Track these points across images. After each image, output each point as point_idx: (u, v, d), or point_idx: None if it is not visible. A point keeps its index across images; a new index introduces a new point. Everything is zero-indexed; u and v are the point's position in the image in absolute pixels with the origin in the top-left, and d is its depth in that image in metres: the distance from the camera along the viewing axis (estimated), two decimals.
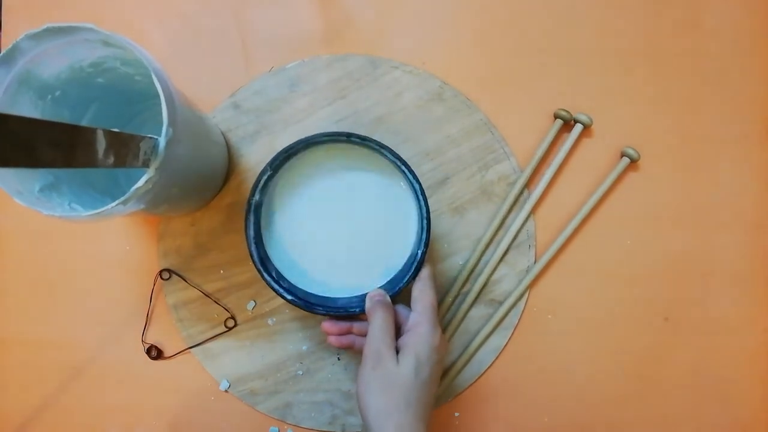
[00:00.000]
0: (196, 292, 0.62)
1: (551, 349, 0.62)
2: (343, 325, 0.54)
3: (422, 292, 0.52)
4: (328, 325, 0.54)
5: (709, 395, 0.62)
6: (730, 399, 0.62)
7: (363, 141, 0.52)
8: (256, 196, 0.54)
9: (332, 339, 0.54)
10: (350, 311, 0.53)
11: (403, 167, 0.53)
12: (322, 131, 0.53)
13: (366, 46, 0.66)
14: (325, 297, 0.55)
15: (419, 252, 0.53)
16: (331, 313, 0.54)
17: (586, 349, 0.62)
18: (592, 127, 0.65)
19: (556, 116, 0.63)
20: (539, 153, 0.63)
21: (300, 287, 0.55)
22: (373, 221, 0.56)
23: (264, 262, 0.54)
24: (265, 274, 0.53)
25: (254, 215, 0.54)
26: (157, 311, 0.62)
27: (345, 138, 0.53)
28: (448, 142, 0.64)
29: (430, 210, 0.62)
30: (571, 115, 0.63)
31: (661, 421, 0.61)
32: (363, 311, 0.53)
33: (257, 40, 0.66)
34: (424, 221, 0.53)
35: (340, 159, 0.56)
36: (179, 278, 0.62)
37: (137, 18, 0.65)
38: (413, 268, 0.53)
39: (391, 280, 0.55)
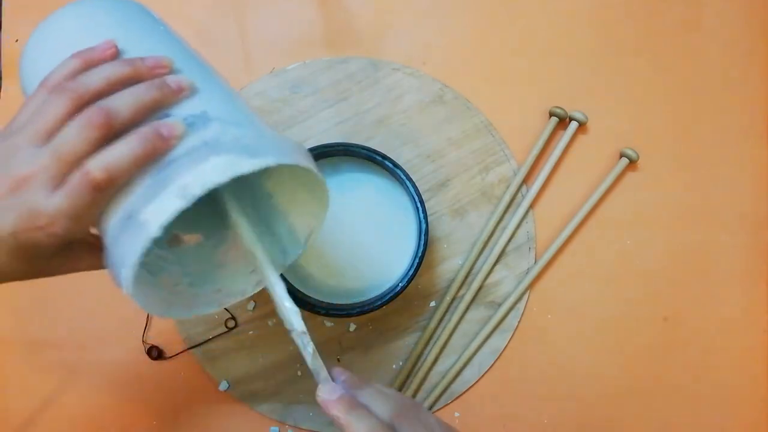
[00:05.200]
0: None
1: (551, 350, 0.62)
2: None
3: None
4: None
5: (709, 395, 0.62)
6: (730, 399, 0.62)
7: (363, 152, 0.54)
8: None
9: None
10: (350, 313, 0.54)
11: (402, 175, 0.54)
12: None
13: (366, 47, 0.66)
14: (325, 300, 0.56)
15: (418, 255, 0.54)
16: (331, 313, 0.54)
17: (586, 349, 0.62)
18: (592, 126, 0.65)
19: (551, 114, 0.63)
20: (535, 151, 0.63)
21: (300, 289, 0.55)
22: (373, 224, 0.56)
23: None
24: None
25: None
26: None
27: (342, 149, 0.53)
28: (448, 144, 0.64)
29: (430, 212, 0.62)
30: (566, 112, 0.63)
31: (661, 421, 0.61)
32: (362, 312, 0.54)
33: (258, 41, 0.66)
34: (423, 224, 0.53)
35: (338, 164, 0.57)
36: None
37: None
38: (412, 271, 0.54)
39: (391, 284, 0.55)
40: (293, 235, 0.45)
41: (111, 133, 0.31)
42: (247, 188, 0.44)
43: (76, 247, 0.37)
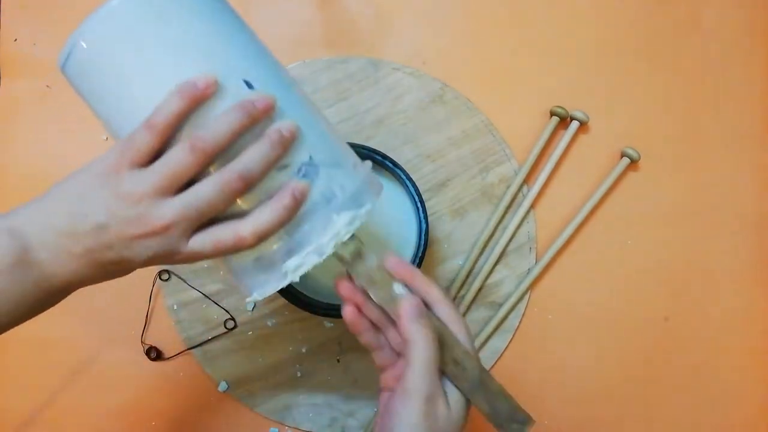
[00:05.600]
0: (195, 293, 0.62)
1: (551, 350, 0.62)
2: (360, 298, 0.41)
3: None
4: (346, 288, 0.41)
5: (709, 395, 0.62)
6: (730, 399, 0.62)
7: (363, 152, 0.54)
8: None
9: (348, 311, 0.41)
10: None
11: (402, 174, 0.54)
12: None
13: (366, 47, 0.65)
14: (325, 300, 0.56)
15: (418, 255, 0.54)
16: (331, 313, 0.54)
17: (587, 349, 0.62)
18: (593, 126, 0.65)
19: (552, 113, 0.63)
20: (535, 151, 0.63)
21: (300, 289, 0.55)
22: (374, 224, 0.56)
23: None
24: None
25: None
26: (156, 312, 0.62)
27: None
28: (448, 144, 0.63)
29: (430, 211, 0.62)
30: (567, 112, 0.63)
31: (661, 420, 0.61)
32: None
33: None
34: (423, 224, 0.53)
35: None
36: (179, 279, 0.62)
37: None
38: None
39: None
40: None
41: (246, 192, 0.36)
42: None
43: None
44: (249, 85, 0.37)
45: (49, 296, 0.38)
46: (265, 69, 0.39)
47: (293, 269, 0.38)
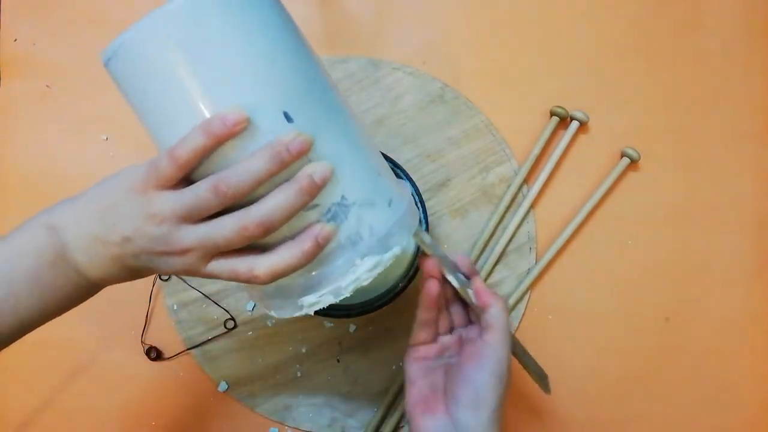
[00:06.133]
0: (195, 293, 0.62)
1: (551, 350, 0.62)
2: (440, 274, 0.45)
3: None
4: (432, 265, 0.45)
5: (709, 395, 0.62)
6: (730, 399, 0.62)
7: None
8: None
9: (433, 285, 0.45)
10: (350, 313, 0.53)
11: (402, 174, 0.54)
12: None
13: (366, 46, 0.65)
14: None
15: (418, 255, 0.53)
16: (331, 313, 0.54)
17: (587, 349, 0.62)
18: (593, 126, 0.65)
19: (552, 113, 0.63)
20: (536, 150, 0.63)
21: None
22: None
23: None
24: None
25: None
26: (156, 312, 0.62)
27: None
28: (449, 144, 0.63)
29: (430, 211, 0.62)
30: (567, 112, 0.63)
31: (661, 420, 0.61)
32: (362, 313, 0.53)
33: None
34: (423, 224, 0.53)
35: None
36: (179, 279, 0.62)
37: (137, 18, 0.64)
38: (412, 271, 0.54)
39: (391, 285, 0.55)
40: None
41: (265, 237, 0.35)
42: None
43: None
44: (288, 118, 0.34)
45: (84, 291, 0.41)
46: (311, 97, 0.36)
47: (308, 305, 0.38)
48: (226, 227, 0.35)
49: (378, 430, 0.60)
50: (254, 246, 0.36)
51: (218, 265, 0.36)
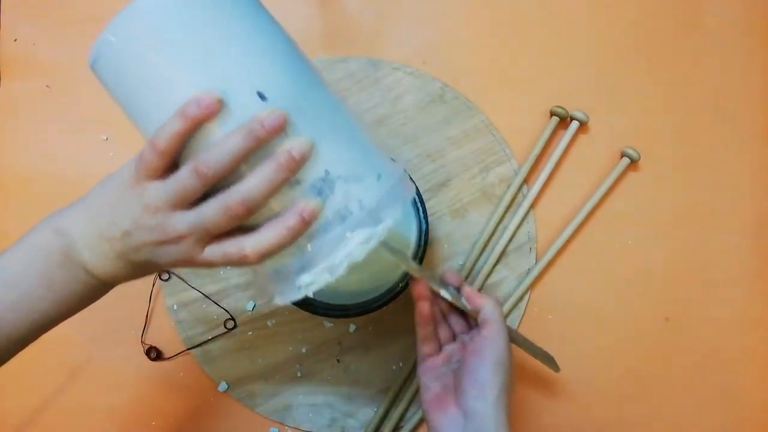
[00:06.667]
0: (195, 293, 0.62)
1: (551, 350, 0.62)
2: (429, 295, 0.49)
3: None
4: (421, 288, 0.48)
5: (709, 395, 0.62)
6: (730, 399, 0.62)
7: None
8: None
9: (424, 307, 0.48)
10: (350, 313, 0.53)
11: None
12: None
13: (366, 46, 0.65)
14: (325, 300, 0.55)
15: (418, 256, 0.53)
16: (331, 313, 0.54)
17: (587, 349, 0.62)
18: (593, 126, 0.65)
19: (552, 113, 0.63)
20: (535, 151, 0.63)
21: None
22: None
23: None
24: None
25: None
26: (156, 312, 0.62)
27: None
28: (449, 144, 0.63)
29: (430, 211, 0.62)
30: (567, 112, 0.63)
31: (661, 421, 0.61)
32: (362, 313, 0.53)
33: None
34: (423, 224, 0.53)
35: None
36: (179, 279, 0.62)
37: None
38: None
39: (391, 285, 0.55)
40: None
41: (251, 216, 0.36)
42: None
43: None
44: (262, 97, 0.35)
45: (95, 291, 0.41)
46: (284, 76, 0.37)
47: (306, 285, 0.38)
48: (212, 209, 0.35)
49: (378, 430, 0.60)
50: (245, 228, 0.37)
51: (212, 251, 0.37)
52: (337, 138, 0.38)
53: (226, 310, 0.62)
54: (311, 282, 0.37)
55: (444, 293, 0.48)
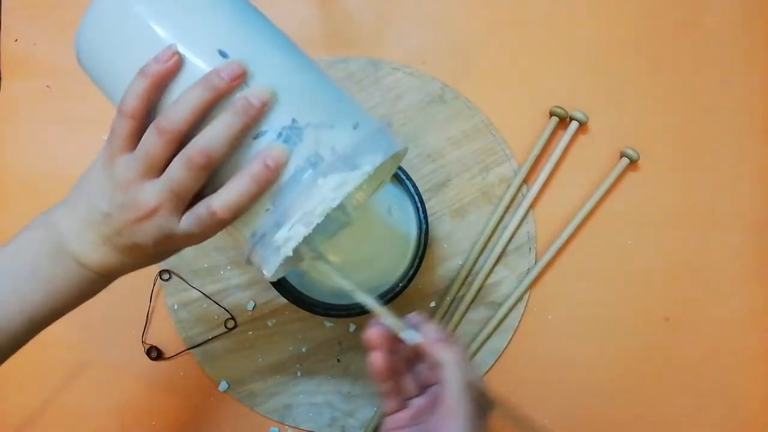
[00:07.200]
0: (196, 293, 0.62)
1: (551, 351, 0.62)
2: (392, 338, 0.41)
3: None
4: (374, 334, 0.40)
5: (709, 395, 0.62)
6: (730, 399, 0.62)
7: None
8: None
9: (377, 358, 0.40)
10: (350, 313, 0.54)
11: (402, 174, 0.54)
12: None
13: (366, 46, 0.66)
14: (325, 300, 0.56)
15: (418, 255, 0.54)
16: (331, 313, 0.54)
17: (587, 349, 0.62)
18: (592, 126, 0.65)
19: (552, 114, 0.63)
20: (535, 151, 0.63)
21: (300, 289, 0.55)
22: (374, 224, 0.56)
23: None
24: None
25: None
26: (156, 312, 0.62)
27: None
28: (448, 144, 0.63)
29: (430, 211, 0.62)
30: (566, 112, 0.63)
31: (661, 421, 0.61)
32: (362, 312, 0.53)
33: None
34: (423, 224, 0.53)
35: None
36: (179, 279, 0.62)
37: None
38: (412, 271, 0.54)
39: (391, 284, 0.55)
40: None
41: (213, 167, 0.35)
42: None
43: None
44: (224, 55, 0.35)
45: (91, 282, 0.40)
46: (246, 35, 0.37)
47: (283, 242, 0.35)
48: (175, 168, 0.34)
49: (378, 430, 0.60)
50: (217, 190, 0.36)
51: (187, 220, 0.36)
52: (304, 88, 0.37)
53: (227, 310, 0.62)
54: (288, 238, 0.35)
55: (406, 338, 0.40)
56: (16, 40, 0.66)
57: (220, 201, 0.35)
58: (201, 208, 0.35)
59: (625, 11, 0.67)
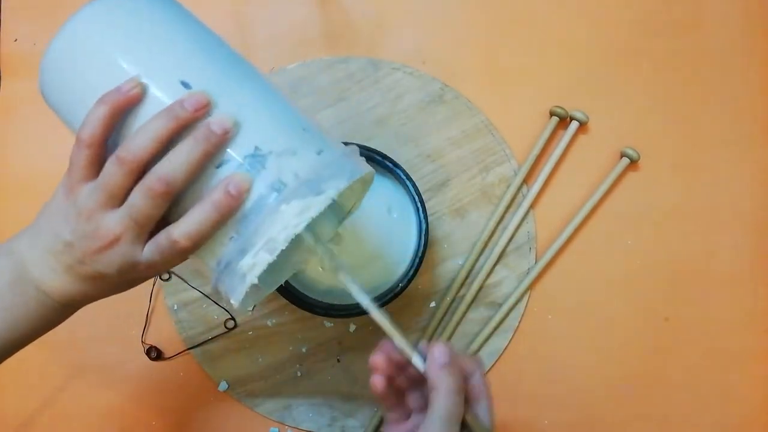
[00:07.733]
0: (195, 293, 0.62)
1: (551, 351, 0.62)
2: (398, 361, 0.40)
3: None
4: (379, 360, 0.40)
5: (709, 395, 0.62)
6: (730, 399, 0.62)
7: (363, 152, 0.53)
8: None
9: (378, 382, 0.39)
10: (350, 313, 0.54)
11: (402, 174, 0.54)
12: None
13: (366, 46, 0.66)
14: (325, 300, 0.56)
15: (418, 256, 0.54)
16: (331, 313, 0.54)
17: (587, 349, 0.62)
18: (592, 126, 0.65)
19: (552, 114, 0.63)
20: (535, 151, 0.63)
21: (300, 290, 0.55)
22: (374, 224, 0.56)
23: None
24: None
25: None
26: (156, 312, 0.62)
27: None
28: (448, 144, 0.63)
29: (430, 212, 0.62)
30: (566, 112, 0.63)
31: (661, 421, 0.61)
32: (362, 313, 0.53)
33: (258, 41, 0.65)
34: (423, 224, 0.53)
35: None
36: (179, 279, 0.62)
37: None
38: (412, 271, 0.54)
39: (391, 284, 0.55)
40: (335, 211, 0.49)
41: (174, 195, 0.34)
42: None
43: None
44: (186, 86, 0.35)
45: (53, 312, 0.39)
46: (208, 65, 0.37)
47: (248, 269, 0.35)
48: (136, 197, 0.34)
49: (378, 430, 0.60)
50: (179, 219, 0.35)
51: (149, 249, 0.36)
52: (268, 116, 0.37)
53: (227, 310, 0.62)
54: (252, 264, 0.35)
55: (414, 361, 0.39)
56: (16, 40, 0.66)
57: (181, 230, 0.34)
58: (162, 237, 0.35)
59: (625, 11, 0.67)
